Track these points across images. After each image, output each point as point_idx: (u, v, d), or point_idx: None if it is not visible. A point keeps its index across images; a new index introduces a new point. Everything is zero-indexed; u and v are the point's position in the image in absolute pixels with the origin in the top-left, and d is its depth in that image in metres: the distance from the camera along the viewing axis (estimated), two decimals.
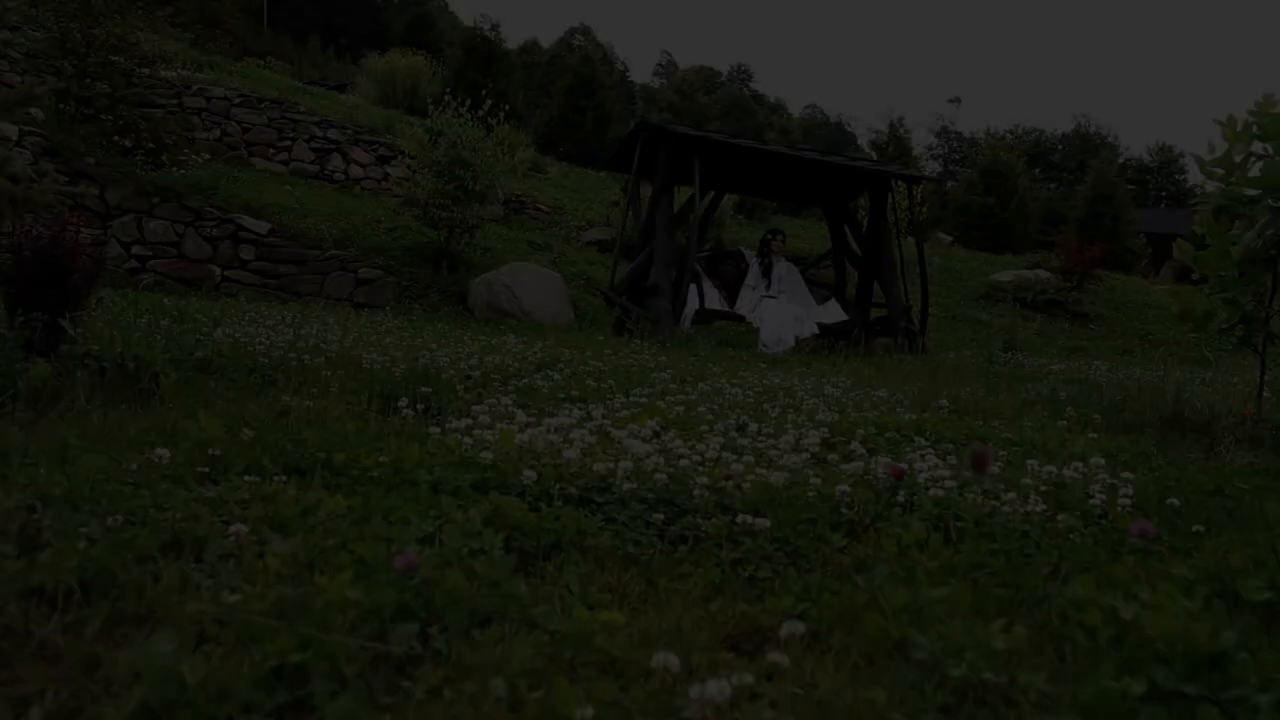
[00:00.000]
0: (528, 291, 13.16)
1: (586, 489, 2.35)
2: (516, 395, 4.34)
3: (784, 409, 4.41)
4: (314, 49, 62.82)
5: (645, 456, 2.52)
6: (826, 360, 9.76)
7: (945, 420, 4.19)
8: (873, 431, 3.67)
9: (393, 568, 1.45)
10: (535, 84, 63.78)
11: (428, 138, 14.02)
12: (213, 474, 2.35)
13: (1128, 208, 28.72)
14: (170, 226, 13.31)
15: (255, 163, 16.70)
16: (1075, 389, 7.30)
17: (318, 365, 4.73)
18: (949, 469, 2.74)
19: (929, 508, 2.38)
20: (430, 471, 2.36)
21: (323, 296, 13.32)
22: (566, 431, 2.84)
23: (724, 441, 3.00)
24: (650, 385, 5.27)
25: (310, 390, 4.08)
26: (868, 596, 1.71)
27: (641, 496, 2.29)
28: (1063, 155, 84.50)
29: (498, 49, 26.37)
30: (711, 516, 2.19)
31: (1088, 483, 2.75)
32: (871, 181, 13.31)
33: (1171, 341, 19.39)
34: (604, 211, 19.14)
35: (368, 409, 3.91)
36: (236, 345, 5.03)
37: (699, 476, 2.37)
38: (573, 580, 1.81)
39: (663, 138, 11.96)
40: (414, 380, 4.35)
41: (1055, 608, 1.69)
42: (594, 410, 3.44)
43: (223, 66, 19.40)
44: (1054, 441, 3.78)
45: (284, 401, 3.46)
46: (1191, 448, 4.91)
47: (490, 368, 5.31)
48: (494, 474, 2.35)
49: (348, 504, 2.00)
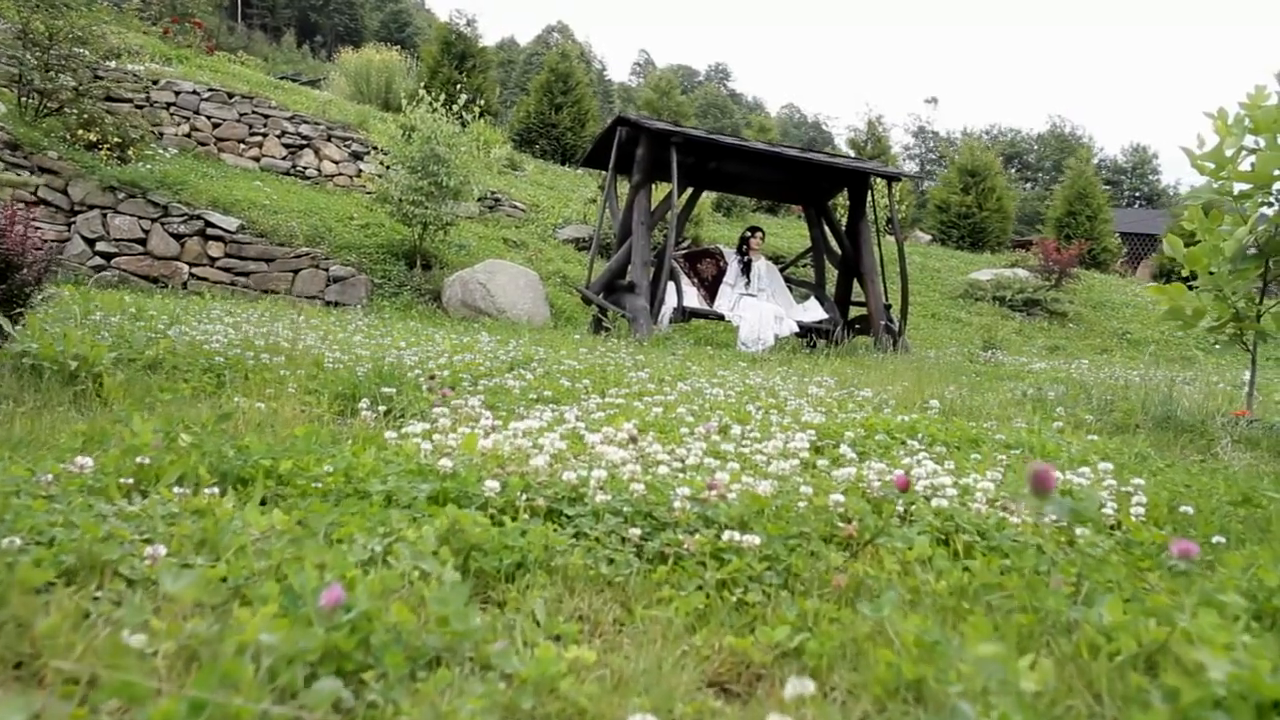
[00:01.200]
0: (503, 289, 12.92)
1: (556, 500, 2.12)
2: (486, 396, 4.12)
3: (767, 409, 4.21)
4: (289, 45, 62.37)
5: (621, 464, 2.30)
6: (807, 359, 9.59)
7: (936, 422, 4.00)
8: (861, 434, 3.47)
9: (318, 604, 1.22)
10: (513, 82, 63.57)
11: (401, 133, 13.76)
12: (142, 485, 2.12)
13: (1104, 207, 28.75)
14: (136, 223, 13.00)
15: (225, 158, 16.35)
16: (1062, 388, 7.14)
17: (277, 365, 4.48)
18: (948, 474, 2.55)
19: (930, 519, 2.18)
20: (384, 481, 2.13)
21: (294, 294, 13.04)
22: (536, 435, 2.62)
23: (706, 446, 2.78)
24: (627, 385, 5.06)
25: (266, 391, 3.84)
26: (872, 625, 1.51)
27: (616, 509, 2.06)
28: (1038, 155, 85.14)
29: (474, 45, 26.00)
30: (694, 531, 1.98)
31: (1096, 489, 2.56)
32: (851, 179, 13.15)
33: (1149, 340, 19.41)
34: (581, 209, 18.92)
35: (327, 411, 3.69)
36: (192, 344, 4.77)
37: (679, 486, 2.15)
38: (538, 607, 1.60)
39: (641, 133, 11.75)
40: (377, 380, 4.13)
41: (1084, 636, 1.50)
42: (567, 412, 3.22)
43: (193, 61, 19.00)
44: (1051, 445, 3.60)
45: (235, 403, 3.22)
46: (1186, 449, 4.76)
47: (460, 367, 5.08)
48: (454, 484, 2.11)
49: (287, 520, 1.78)
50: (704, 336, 12.78)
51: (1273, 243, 5.83)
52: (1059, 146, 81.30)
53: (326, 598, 1.18)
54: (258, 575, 1.53)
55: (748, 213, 24.00)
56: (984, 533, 2.10)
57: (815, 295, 12.99)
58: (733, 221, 22.42)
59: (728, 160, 12.64)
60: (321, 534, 1.74)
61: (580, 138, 25.70)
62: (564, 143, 25.91)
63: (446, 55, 25.36)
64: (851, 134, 38.63)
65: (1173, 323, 6.15)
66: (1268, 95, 5.89)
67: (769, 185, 14.15)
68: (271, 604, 1.26)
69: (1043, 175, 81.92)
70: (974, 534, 2.07)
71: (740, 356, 9.32)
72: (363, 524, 1.79)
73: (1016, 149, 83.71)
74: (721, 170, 12.88)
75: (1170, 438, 4.95)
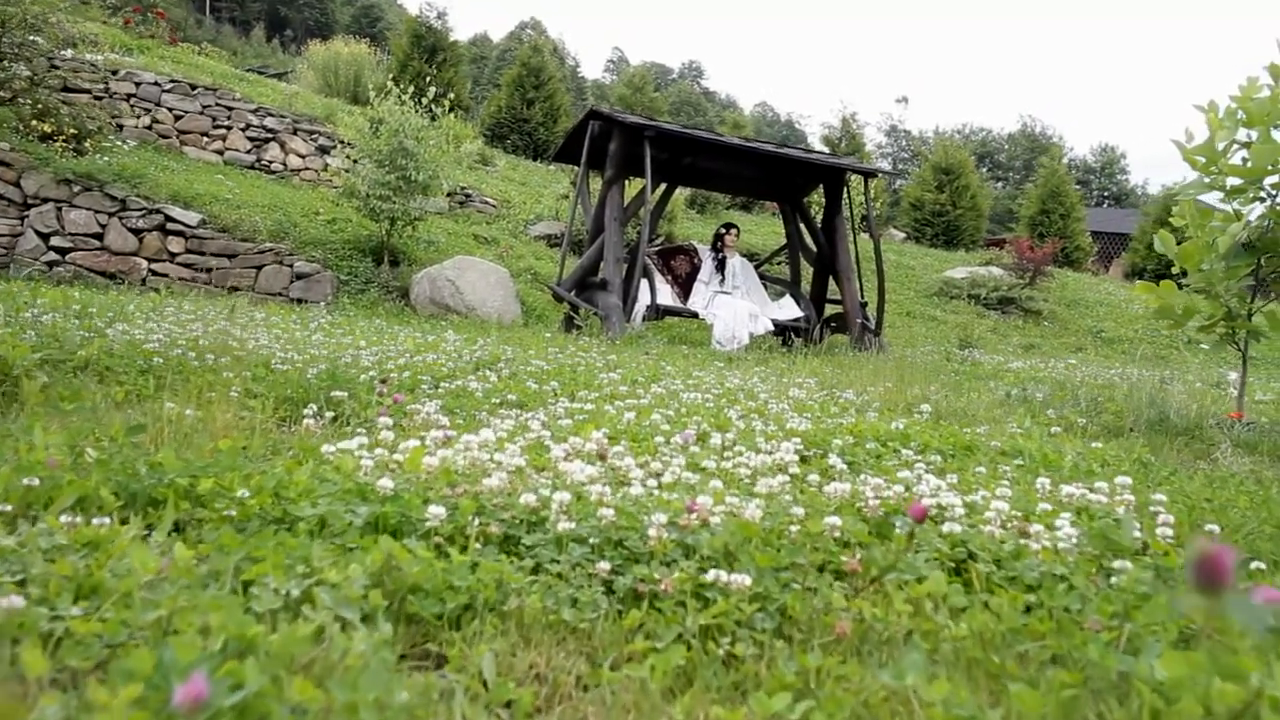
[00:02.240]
0: (472, 287, 12.61)
1: (513, 525, 1.84)
2: (446, 400, 3.83)
3: (747, 413, 3.95)
4: (258, 40, 61.52)
5: (589, 482, 2.02)
6: (784, 358, 9.36)
7: (927, 427, 3.75)
8: (850, 441, 3.21)
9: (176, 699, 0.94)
10: (486, 79, 63.14)
11: (369, 126, 13.38)
12: (32, 511, 1.83)
13: (1077, 205, 28.78)
14: (92, 217, 12.58)
15: (188, 152, 15.92)
16: (1048, 389, 6.94)
17: (222, 366, 4.17)
18: (953, 490, 2.30)
19: (939, 544, 1.92)
20: (315, 504, 1.85)
21: (257, 291, 12.67)
22: (494, 448, 2.34)
23: (685, 460, 2.51)
24: (598, 388, 4.78)
25: (208, 395, 3.54)
26: (889, 689, 1.25)
27: (582, 537, 1.78)
28: (1009, 154, 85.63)
29: (444, 38, 25.57)
30: (672, 562, 1.71)
31: (1113, 505, 2.32)
32: (827, 175, 12.93)
33: (1123, 339, 19.37)
34: (553, 205, 18.62)
35: (270, 417, 3.39)
36: (131, 343, 4.44)
37: (655, 510, 1.87)
38: (486, 664, 1.33)
39: (614, 127, 11.47)
40: (329, 383, 3.83)
41: (1142, 700, 1.25)
42: (532, 419, 2.94)
43: (155, 51, 18.48)
44: (1051, 453, 3.35)
45: (163, 409, 2.91)
46: (1182, 453, 4.55)
47: (421, 368, 4.78)
48: (395, 507, 1.82)
49: (188, 556, 1.50)
50: (678, 335, 12.52)
51: (1266, 239, 5.65)
52: (1029, 146, 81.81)
53: (183, 695, 0.90)
54: (140, 632, 1.25)
55: (721, 210, 23.77)
56: (1000, 560, 1.84)
57: (791, 293, 12.76)
58: (706, 219, 22.18)
59: (702, 156, 12.39)
60: (230, 574, 1.46)
61: (552, 133, 25.36)
62: (536, 138, 25.56)
63: (417, 49, 24.96)
64: (826, 131, 38.50)
65: (1163, 321, 5.96)
66: (1260, 87, 5.70)
67: (744, 181, 13.90)
68: (135, 684, 0.98)
69: (1013, 175, 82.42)
70: (990, 562, 1.82)
71: (716, 356, 9.07)
72: (280, 560, 1.50)
73: (987, 148, 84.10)
74: (696, 166, 12.62)
75: (1165, 441, 4.74)
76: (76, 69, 15.36)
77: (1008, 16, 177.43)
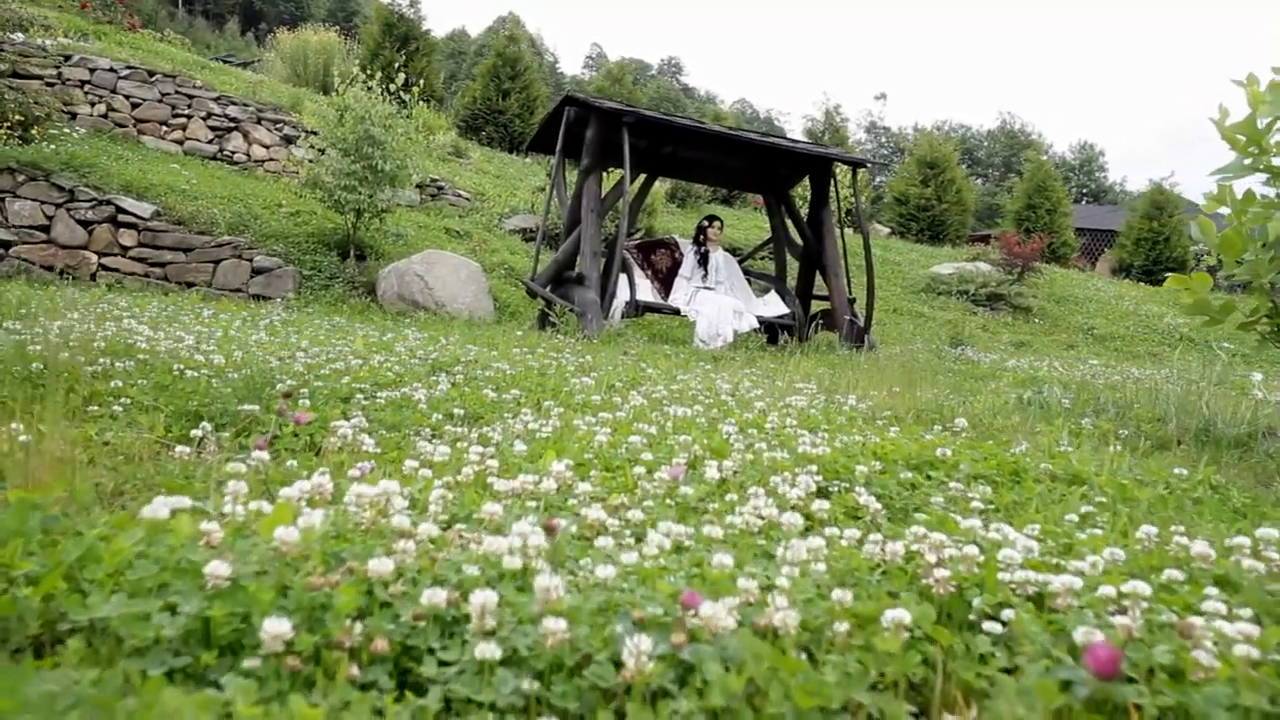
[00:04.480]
0: (442, 282, 11.93)
1: (409, 639, 1.20)
2: (386, 413, 3.19)
3: (744, 428, 3.33)
4: (232, 33, 60.44)
5: (533, 555, 1.36)
6: (773, 358, 8.76)
7: (963, 446, 3.11)
8: (878, 469, 2.58)
9: None
10: (463, 73, 62.38)
11: (335, 114, 12.66)
12: None
13: (1063, 200, 28.38)
14: (38, 208, 11.82)
15: (146, 141, 15.15)
16: (1059, 389, 6.36)
17: (124, 372, 3.52)
18: (1042, 546, 1.68)
19: (1044, 641, 1.31)
20: (110, 595, 1.21)
21: (215, 287, 11.95)
22: (418, 490, 1.70)
23: (675, 507, 1.87)
24: (568, 396, 4.13)
25: (89, 410, 2.88)
26: None
27: (516, 660, 1.14)
28: (988, 151, 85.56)
29: (416, 27, 24.82)
30: (662, 697, 1.08)
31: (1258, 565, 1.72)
32: (813, 166, 12.35)
33: (1114, 336, 18.92)
34: (529, 198, 17.95)
35: (165, 436, 2.74)
36: (17, 346, 3.77)
37: (634, 604, 1.22)
38: None
39: (590, 114, 10.83)
40: (243, 394, 3.18)
41: None
42: (470, 450, 2.28)
43: (113, 37, 17.67)
44: (1129, 482, 2.73)
45: (10, 432, 2.26)
46: (1243, 472, 3.96)
47: (363, 373, 4.11)
48: (232, 604, 1.18)
49: None
50: (658, 332, 11.90)
51: None
52: (1009, 143, 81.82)
53: None
54: None
55: (703, 203, 23.15)
56: (1157, 685, 1.23)
57: (776, 289, 12.16)
58: (687, 212, 21.57)
59: (684, 144, 11.77)
60: None
61: (528, 125, 24.65)
62: (512, 130, 24.85)
63: (388, 37, 24.22)
64: (809, 124, 37.96)
65: (1198, 318, 5.37)
66: None
67: (727, 172, 13.28)
68: None
69: (993, 171, 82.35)
70: (1144, 685, 1.21)
71: (699, 355, 8.46)
72: None
73: (967, 145, 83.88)
74: (677, 155, 12.00)
75: (1216, 455, 4.16)
76: (26, 54, 14.58)
77: (985, 13, 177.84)
